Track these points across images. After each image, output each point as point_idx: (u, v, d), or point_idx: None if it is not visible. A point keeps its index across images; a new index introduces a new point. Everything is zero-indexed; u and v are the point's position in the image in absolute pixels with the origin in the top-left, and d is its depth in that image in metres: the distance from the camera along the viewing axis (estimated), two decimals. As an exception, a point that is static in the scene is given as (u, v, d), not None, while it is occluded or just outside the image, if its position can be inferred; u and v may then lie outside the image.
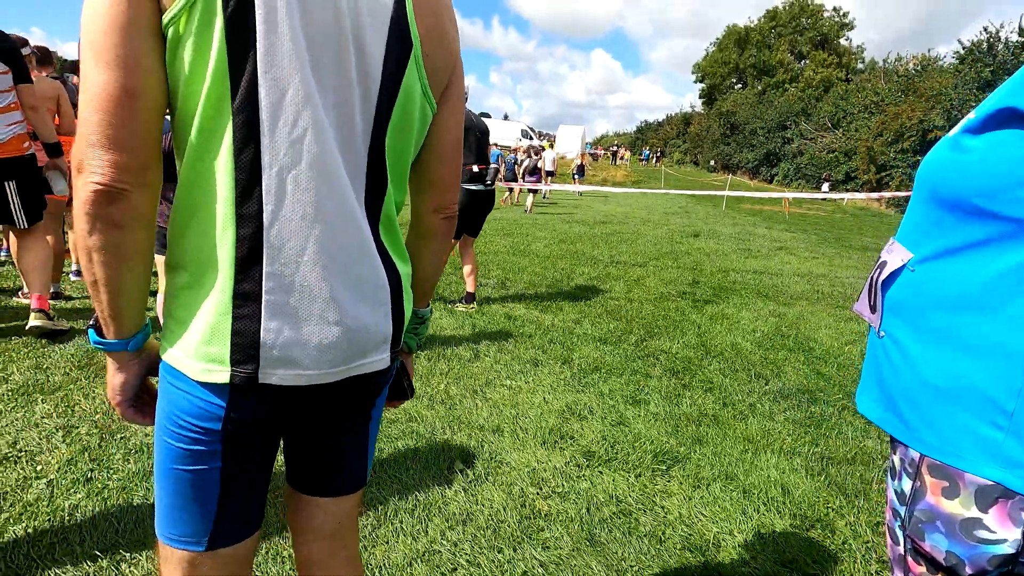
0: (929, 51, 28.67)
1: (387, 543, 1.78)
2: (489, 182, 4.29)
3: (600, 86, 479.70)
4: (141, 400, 0.84)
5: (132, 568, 1.58)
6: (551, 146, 19.12)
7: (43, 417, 2.33)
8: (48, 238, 3.43)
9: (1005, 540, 0.70)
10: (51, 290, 3.64)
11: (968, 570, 0.72)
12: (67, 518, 1.76)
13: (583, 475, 2.26)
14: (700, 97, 56.58)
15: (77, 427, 2.27)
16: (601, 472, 2.29)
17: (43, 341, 3.08)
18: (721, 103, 47.03)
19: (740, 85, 51.58)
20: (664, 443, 2.55)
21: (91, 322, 0.78)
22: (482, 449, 2.38)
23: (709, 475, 2.32)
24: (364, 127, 0.77)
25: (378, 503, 1.96)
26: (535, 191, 12.75)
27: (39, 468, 2.00)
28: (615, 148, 45.87)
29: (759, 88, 47.01)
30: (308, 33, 0.70)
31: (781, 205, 16.90)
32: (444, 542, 1.80)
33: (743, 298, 5.52)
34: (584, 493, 2.13)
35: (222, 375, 0.72)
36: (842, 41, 47.56)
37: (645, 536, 1.91)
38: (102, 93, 0.64)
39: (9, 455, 2.05)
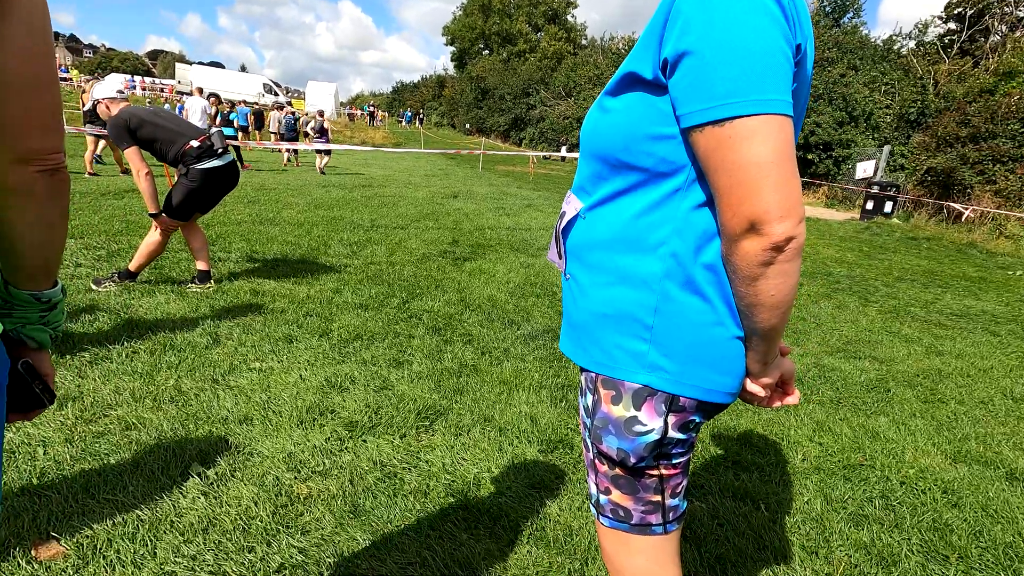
0: (633, 33, 34.08)
1: (97, 582, 1.46)
2: (220, 150, 3.66)
3: (352, 41, 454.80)
4: None
5: None
6: (286, 105, 17.88)
7: None
8: None
9: (653, 429, 0.86)
10: None
11: (632, 460, 0.88)
12: None
13: (346, 447, 2.18)
14: (452, 60, 57.89)
15: None
16: (365, 441, 2.23)
17: None
18: (471, 68, 48.91)
19: (487, 51, 54.22)
20: (427, 399, 2.60)
21: None
22: (226, 444, 2.11)
23: (469, 421, 2.45)
24: None
25: (83, 537, 1.59)
26: (326, 152, 12.92)
27: None
28: (372, 108, 44.34)
29: (504, 55, 50.12)
30: None
31: (528, 166, 18.55)
32: (179, 559, 1.56)
33: (498, 253, 5.93)
34: (347, 466, 2.06)
35: None
36: (569, 18, 53.33)
37: (410, 494, 1.94)
38: None
39: None
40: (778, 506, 2.06)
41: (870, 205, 12.87)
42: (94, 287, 3.61)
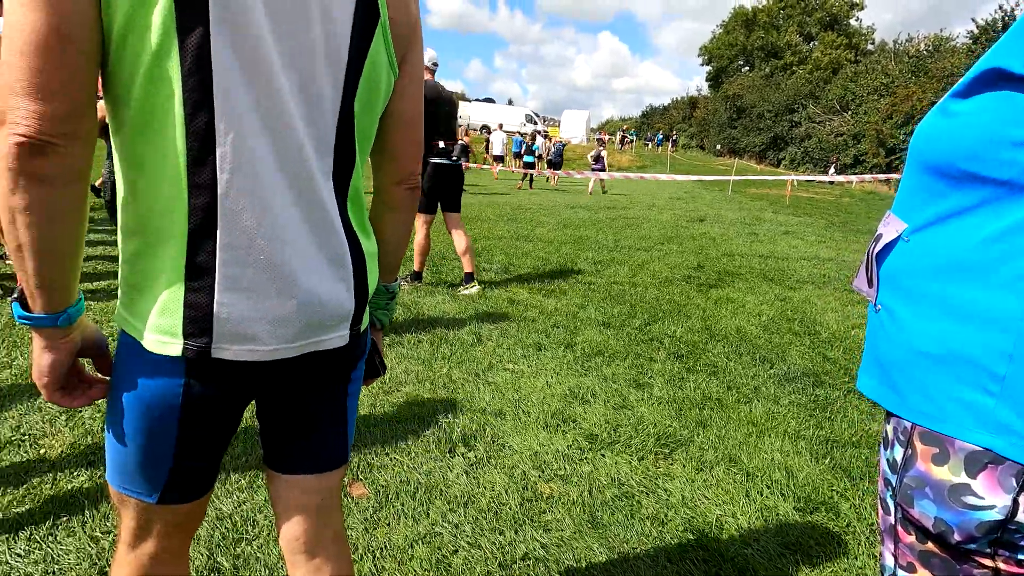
0: (941, 31, 28.19)
1: (388, 525, 1.78)
2: (455, 157, 4.31)
3: (607, 70, 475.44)
4: (70, 382, 0.77)
5: (134, 550, 1.58)
6: (546, 135, 19.50)
7: (46, 401, 2.34)
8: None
9: (994, 506, 0.68)
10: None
11: (956, 537, 0.71)
12: (69, 500, 1.76)
13: (585, 458, 2.25)
14: (707, 80, 55.84)
15: (80, 411, 2.28)
16: (603, 455, 2.28)
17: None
18: (728, 86, 46.43)
19: (747, 68, 50.84)
20: (667, 426, 2.53)
21: (14, 294, 0.71)
22: (484, 432, 2.38)
23: (712, 458, 2.31)
24: (333, 98, 0.74)
25: (379, 486, 1.96)
26: (600, 179, 15.33)
27: (42, 451, 2.00)
28: (623, 134, 45.34)
29: (766, 71, 46.34)
30: None
31: (785, 189, 16.75)
32: (445, 524, 1.80)
33: (748, 282, 5.48)
34: (586, 476, 2.12)
35: (174, 347, 0.71)
36: (852, 22, 46.74)
37: (647, 519, 1.91)
38: (30, 36, 0.57)
39: (13, 439, 2.06)
40: None
41: None
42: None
